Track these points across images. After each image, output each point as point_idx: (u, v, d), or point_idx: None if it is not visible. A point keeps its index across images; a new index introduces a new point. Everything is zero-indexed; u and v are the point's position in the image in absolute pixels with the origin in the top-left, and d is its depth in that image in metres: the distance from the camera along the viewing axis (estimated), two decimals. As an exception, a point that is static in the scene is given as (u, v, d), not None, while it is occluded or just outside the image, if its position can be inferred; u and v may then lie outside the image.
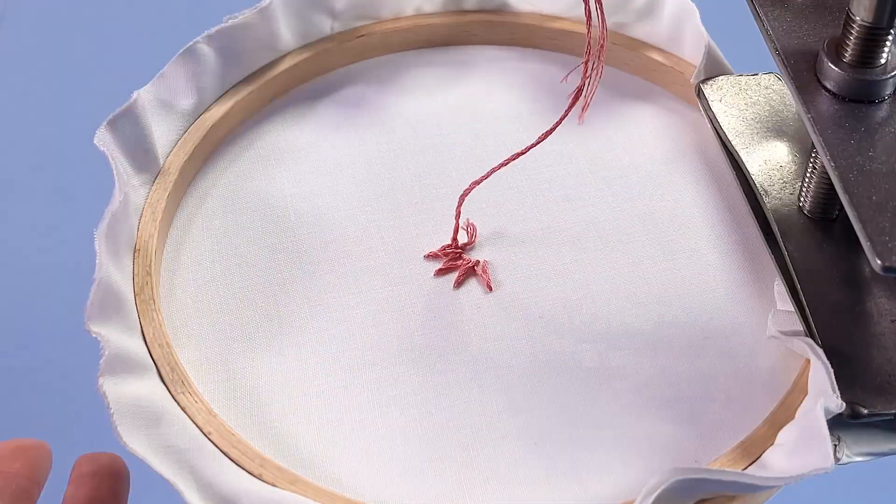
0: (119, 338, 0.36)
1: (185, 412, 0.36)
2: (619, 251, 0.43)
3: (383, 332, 0.40)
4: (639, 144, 0.47)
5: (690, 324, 0.40)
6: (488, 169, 0.46)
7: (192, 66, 0.45)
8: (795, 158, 0.43)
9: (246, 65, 0.47)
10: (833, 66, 0.35)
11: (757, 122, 0.45)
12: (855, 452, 0.36)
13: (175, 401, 0.36)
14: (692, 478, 0.32)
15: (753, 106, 0.45)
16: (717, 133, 0.45)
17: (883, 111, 0.35)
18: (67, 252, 0.88)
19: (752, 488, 0.34)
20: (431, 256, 0.43)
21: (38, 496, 0.34)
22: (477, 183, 0.41)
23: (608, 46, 0.50)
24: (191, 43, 0.45)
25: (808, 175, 0.40)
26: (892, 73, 0.35)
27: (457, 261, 0.42)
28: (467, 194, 0.42)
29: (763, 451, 0.36)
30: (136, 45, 1.03)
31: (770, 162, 0.43)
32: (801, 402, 0.37)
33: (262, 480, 0.35)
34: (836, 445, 0.35)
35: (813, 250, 0.40)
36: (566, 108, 0.39)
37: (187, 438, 0.35)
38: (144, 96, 0.43)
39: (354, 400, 0.38)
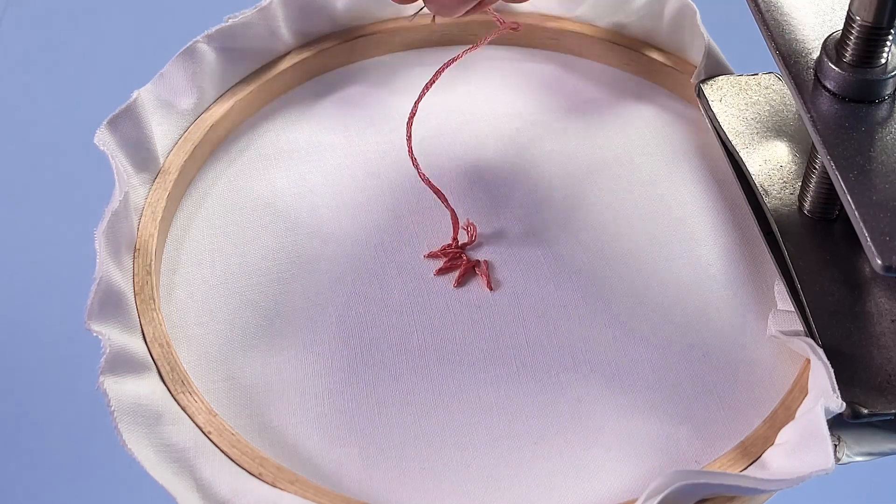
0: (119, 337, 0.36)
1: (185, 412, 0.36)
2: (620, 251, 0.43)
3: (383, 331, 0.40)
4: (639, 144, 0.47)
5: (690, 324, 0.40)
6: (487, 169, 0.46)
7: (192, 65, 0.45)
8: (795, 158, 0.43)
9: (246, 65, 0.47)
10: (833, 66, 0.35)
11: (757, 122, 0.44)
12: (855, 452, 0.36)
13: (175, 400, 0.36)
14: (695, 482, 0.32)
15: (753, 106, 0.45)
16: (717, 133, 0.45)
17: (883, 111, 0.35)
18: (67, 252, 0.88)
19: (755, 491, 0.34)
20: (432, 256, 0.43)
21: None
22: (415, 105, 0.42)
23: (607, 46, 0.50)
24: (191, 43, 0.45)
25: (808, 175, 0.40)
26: (893, 73, 0.35)
27: (457, 260, 0.42)
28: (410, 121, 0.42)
29: (763, 452, 0.36)
30: (136, 45, 1.03)
31: (770, 162, 0.43)
32: (801, 402, 0.37)
33: (262, 480, 0.35)
34: (836, 445, 0.35)
35: (813, 250, 0.40)
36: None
37: (187, 438, 0.35)
38: (144, 96, 0.43)
39: (354, 399, 0.38)
